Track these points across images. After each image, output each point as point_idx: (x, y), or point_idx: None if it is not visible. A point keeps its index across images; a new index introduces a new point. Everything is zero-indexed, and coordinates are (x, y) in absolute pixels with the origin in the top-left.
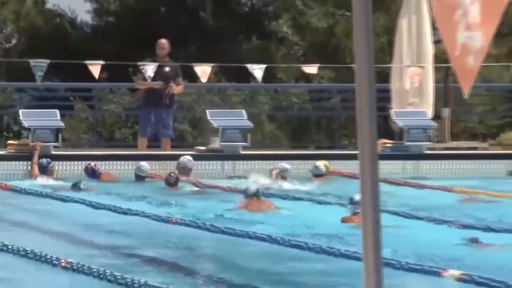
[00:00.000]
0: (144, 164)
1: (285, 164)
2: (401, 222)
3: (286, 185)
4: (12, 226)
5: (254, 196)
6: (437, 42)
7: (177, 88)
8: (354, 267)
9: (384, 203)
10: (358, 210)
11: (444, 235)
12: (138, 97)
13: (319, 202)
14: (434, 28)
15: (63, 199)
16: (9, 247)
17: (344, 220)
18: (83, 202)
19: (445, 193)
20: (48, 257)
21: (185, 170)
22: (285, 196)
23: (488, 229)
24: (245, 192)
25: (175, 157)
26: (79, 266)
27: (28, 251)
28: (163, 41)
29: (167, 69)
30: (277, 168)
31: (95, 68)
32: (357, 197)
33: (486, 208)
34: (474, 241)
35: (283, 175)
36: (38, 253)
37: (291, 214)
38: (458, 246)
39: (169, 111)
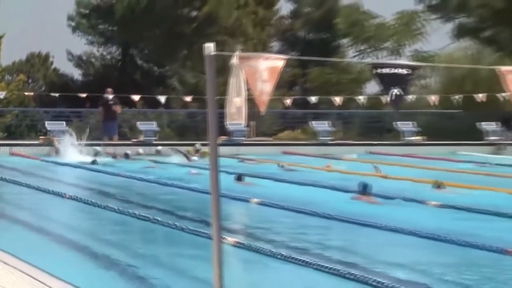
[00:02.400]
0: (98, 148)
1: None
2: (225, 176)
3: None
4: (40, 178)
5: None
6: (248, 89)
7: (116, 108)
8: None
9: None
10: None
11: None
12: (100, 116)
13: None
14: (247, 83)
15: (67, 165)
16: (40, 187)
17: (191, 173)
18: (76, 166)
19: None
20: (59, 192)
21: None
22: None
23: (256, 176)
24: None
25: (122, 145)
26: (74, 197)
27: (49, 190)
28: (109, 89)
29: (111, 102)
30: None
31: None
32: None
33: (264, 167)
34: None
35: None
36: (53, 190)
37: (177, 173)
38: (250, 186)
39: (114, 123)
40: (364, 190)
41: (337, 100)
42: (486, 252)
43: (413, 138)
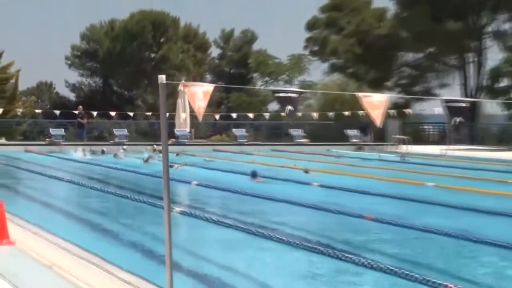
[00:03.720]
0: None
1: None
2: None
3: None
4: (45, 167)
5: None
6: (190, 107)
7: (83, 121)
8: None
9: (170, 161)
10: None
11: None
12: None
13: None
14: (189, 102)
15: (64, 158)
16: (43, 173)
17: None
18: (68, 158)
19: (190, 157)
20: (58, 176)
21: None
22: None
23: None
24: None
25: (96, 145)
26: (68, 179)
27: (52, 175)
28: (80, 106)
29: (79, 115)
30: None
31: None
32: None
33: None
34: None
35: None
36: (54, 175)
37: (135, 163)
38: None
39: (83, 130)
40: (254, 175)
41: (250, 115)
42: (351, 217)
43: (301, 140)
